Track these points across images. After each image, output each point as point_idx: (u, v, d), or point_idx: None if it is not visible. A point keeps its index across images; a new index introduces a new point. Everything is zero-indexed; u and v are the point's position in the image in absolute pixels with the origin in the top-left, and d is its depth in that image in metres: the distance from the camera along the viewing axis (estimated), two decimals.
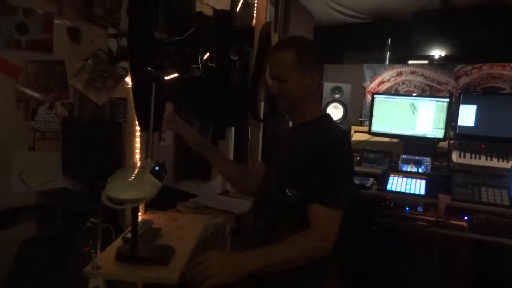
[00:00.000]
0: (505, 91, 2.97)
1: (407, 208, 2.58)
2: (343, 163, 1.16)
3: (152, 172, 1.13)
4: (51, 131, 1.98)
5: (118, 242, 1.32)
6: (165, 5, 1.52)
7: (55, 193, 1.82)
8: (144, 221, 1.52)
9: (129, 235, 1.30)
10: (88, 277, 1.09)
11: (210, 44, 2.15)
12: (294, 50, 1.16)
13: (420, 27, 3.55)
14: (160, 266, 1.15)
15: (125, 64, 2.13)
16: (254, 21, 2.56)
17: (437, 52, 3.53)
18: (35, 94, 1.92)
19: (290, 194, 1.15)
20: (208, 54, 2.15)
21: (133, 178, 1.10)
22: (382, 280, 1.99)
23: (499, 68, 3.01)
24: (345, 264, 2.17)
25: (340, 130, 1.24)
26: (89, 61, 2.06)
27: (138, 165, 1.33)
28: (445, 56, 3.52)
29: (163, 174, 1.18)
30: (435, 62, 3.46)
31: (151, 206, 1.80)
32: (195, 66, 1.94)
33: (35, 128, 1.95)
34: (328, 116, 1.30)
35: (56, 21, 1.93)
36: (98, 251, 1.24)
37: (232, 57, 2.25)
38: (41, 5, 1.88)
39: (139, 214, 1.62)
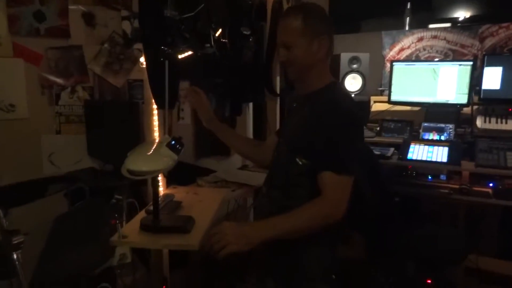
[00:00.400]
0: None
1: (430, 177, 2.54)
2: (351, 130, 1.15)
3: (169, 145, 1.18)
4: (75, 114, 2.09)
5: (141, 214, 1.39)
6: None
7: (83, 173, 1.92)
8: (166, 195, 1.59)
9: (152, 208, 1.37)
10: (115, 246, 1.16)
11: (222, 20, 2.14)
12: (301, 17, 1.15)
13: None
14: (182, 235, 1.21)
15: (140, 46, 2.18)
16: None
17: (461, 14, 3.36)
18: (57, 80, 2.02)
19: (300, 163, 1.16)
20: (220, 30, 2.15)
21: (151, 152, 1.15)
22: (406, 247, 1.99)
23: None
24: (369, 233, 2.18)
25: (349, 97, 1.23)
26: (105, 45, 2.13)
27: (156, 141, 1.38)
28: (469, 17, 3.34)
29: (179, 147, 1.22)
30: (459, 25, 3.30)
31: (172, 181, 1.88)
32: (207, 43, 1.95)
33: (60, 112, 2.05)
34: (337, 83, 1.29)
35: (70, 7, 1.99)
36: (124, 222, 1.31)
37: (244, 32, 2.24)
38: None
39: (162, 189, 1.70)
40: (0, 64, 1.84)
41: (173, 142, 1.21)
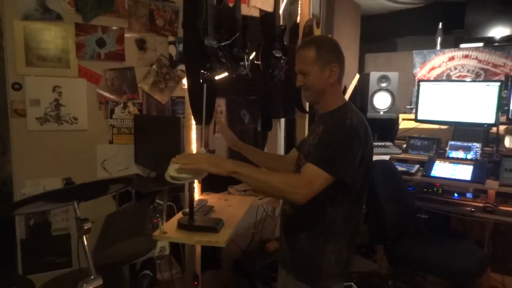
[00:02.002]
0: None
1: (456, 195, 2.58)
2: (349, 140, 1.25)
3: None
4: (125, 127, 2.39)
5: (178, 216, 1.62)
6: (213, 16, 1.77)
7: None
8: (200, 200, 1.81)
9: (188, 210, 1.60)
10: (156, 240, 1.39)
11: (256, 44, 2.37)
12: (314, 48, 1.33)
13: (473, 8, 3.41)
14: (212, 233, 1.42)
15: (183, 67, 2.46)
16: (298, 17, 2.72)
17: (494, 33, 3.37)
18: (112, 96, 2.33)
19: None
20: (254, 53, 2.38)
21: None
22: (424, 261, 2.07)
23: None
24: (392, 247, 2.26)
25: (358, 116, 1.34)
26: (154, 66, 2.43)
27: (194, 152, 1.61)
28: (502, 37, 3.35)
29: None
30: (495, 44, 3.31)
31: (206, 189, 2.10)
32: (242, 64, 2.17)
33: (113, 124, 2.36)
34: (349, 104, 1.43)
35: (126, 35, 2.31)
36: (164, 222, 1.53)
37: (276, 55, 2.45)
38: (115, 22, 2.26)
39: (197, 195, 1.93)
40: (68, 83, 2.18)
41: (207, 154, 1.43)
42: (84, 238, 1.03)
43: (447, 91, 2.75)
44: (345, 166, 1.23)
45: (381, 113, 3.11)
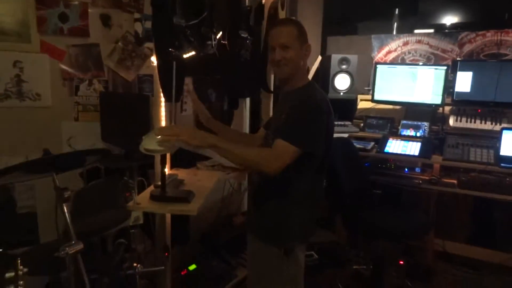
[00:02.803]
0: (508, 57, 3.09)
1: (406, 170, 2.83)
2: (312, 115, 1.38)
3: None
4: (91, 104, 2.38)
5: (151, 188, 1.69)
6: None
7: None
8: (171, 175, 1.88)
9: (159, 183, 1.67)
10: (131, 210, 1.46)
11: (223, 24, 2.41)
12: (296, 26, 1.45)
13: None
14: (183, 204, 1.51)
15: (149, 45, 2.46)
16: None
17: (444, 21, 3.62)
18: (77, 73, 2.30)
19: None
20: (221, 33, 2.43)
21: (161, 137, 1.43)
22: (377, 227, 2.28)
23: (503, 34, 3.11)
24: (348, 217, 2.47)
25: (321, 94, 1.47)
26: (119, 43, 2.41)
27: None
28: (451, 24, 3.61)
29: None
30: (443, 31, 3.56)
31: (176, 165, 2.17)
32: (209, 43, 2.22)
33: (78, 102, 2.34)
34: (314, 83, 1.55)
35: (90, 10, 2.27)
36: (135, 195, 1.60)
37: (242, 35, 2.51)
38: None
39: (167, 170, 1.99)
40: (30, 58, 2.12)
41: None
42: (64, 206, 1.08)
43: (401, 73, 2.96)
44: (311, 140, 1.36)
45: (341, 94, 3.28)
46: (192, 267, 2.38)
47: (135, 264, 1.48)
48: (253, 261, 1.61)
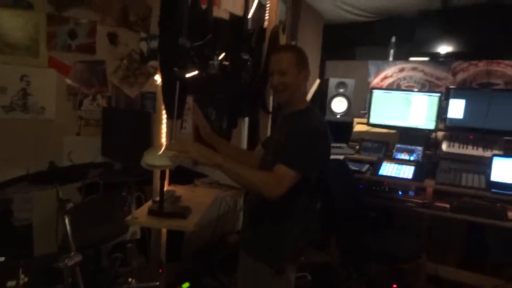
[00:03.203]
0: (499, 87, 3.19)
1: (400, 193, 2.88)
2: (312, 140, 1.43)
3: None
4: (94, 118, 2.43)
5: (149, 203, 1.72)
6: (187, 17, 1.89)
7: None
8: (169, 191, 1.91)
9: (157, 199, 1.70)
10: (128, 225, 1.49)
11: (225, 46, 2.50)
12: (295, 53, 1.52)
13: (423, 26, 3.77)
14: (180, 219, 1.54)
15: (154, 63, 2.54)
16: (266, 22, 2.88)
17: (439, 49, 3.75)
18: (81, 88, 2.36)
19: None
20: (223, 54, 2.51)
21: (162, 153, 1.48)
22: (370, 249, 2.31)
23: (494, 64, 3.23)
24: (342, 235, 2.50)
25: (320, 119, 1.54)
26: (124, 61, 2.49)
27: (164, 144, 1.71)
28: (446, 53, 3.73)
29: None
30: (438, 59, 3.69)
31: (174, 182, 2.20)
32: (211, 63, 2.30)
33: (81, 116, 2.40)
34: (312, 107, 1.62)
35: (98, 28, 2.35)
36: (134, 210, 1.63)
37: (244, 57, 2.60)
38: (87, 15, 2.30)
39: (166, 186, 2.03)
40: (37, 73, 2.19)
41: None
42: (66, 218, 1.11)
43: (396, 99, 3.05)
44: (310, 164, 1.41)
45: (338, 116, 3.36)
46: (186, 285, 2.38)
47: (129, 279, 1.49)
48: (244, 278, 1.63)
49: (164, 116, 2.02)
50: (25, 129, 2.19)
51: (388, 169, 2.77)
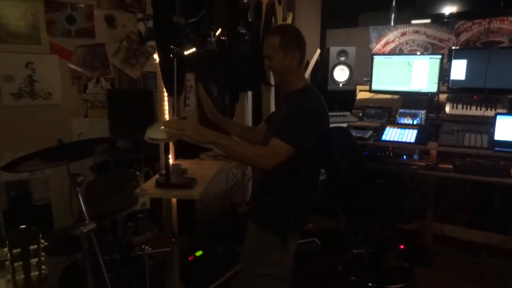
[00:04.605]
0: (503, 45, 3.13)
1: (405, 157, 2.91)
2: (308, 118, 1.48)
3: None
4: (99, 101, 2.51)
5: (156, 176, 1.81)
6: None
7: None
8: (175, 164, 2.00)
9: (164, 172, 1.79)
10: (138, 196, 1.59)
11: (222, 21, 2.52)
12: (278, 36, 1.53)
13: None
14: (186, 190, 1.63)
15: (152, 43, 2.58)
16: None
17: (442, 10, 3.66)
18: (85, 72, 2.43)
19: None
20: (220, 29, 2.53)
21: (162, 128, 1.54)
22: (379, 213, 2.38)
23: (498, 22, 3.15)
24: (347, 199, 2.57)
25: (318, 97, 1.57)
26: (124, 43, 2.53)
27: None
28: (449, 14, 3.65)
29: None
30: (440, 20, 3.62)
31: (180, 156, 2.29)
32: (208, 40, 2.33)
33: (87, 99, 2.47)
34: (310, 86, 1.65)
35: (95, 12, 2.39)
36: (143, 182, 1.72)
37: (241, 31, 2.61)
38: (83, 0, 2.34)
39: (171, 160, 2.11)
40: (41, 60, 2.26)
41: None
42: (78, 190, 1.20)
43: (397, 64, 3.03)
44: (304, 140, 1.47)
45: (340, 85, 3.36)
46: (199, 253, 2.51)
47: (143, 246, 1.60)
48: (248, 244, 1.73)
49: (166, 94, 2.08)
50: (34, 115, 2.28)
51: (391, 134, 2.80)
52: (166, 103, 2.10)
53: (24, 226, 0.97)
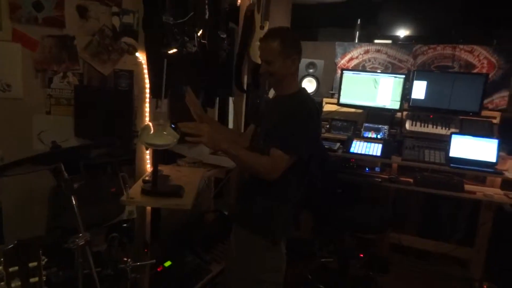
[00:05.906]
0: (454, 70, 3.45)
1: (367, 169, 3.07)
2: (305, 123, 1.50)
3: (172, 128, 1.49)
4: (64, 97, 2.30)
5: (139, 183, 1.70)
6: None
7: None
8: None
9: (147, 178, 1.69)
10: (124, 205, 1.47)
11: (203, 23, 2.45)
12: (279, 40, 1.51)
13: (386, 9, 3.94)
14: (176, 198, 1.54)
15: (127, 40, 2.43)
16: (239, 0, 2.85)
17: (401, 32, 3.95)
18: (51, 65, 2.21)
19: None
20: (201, 31, 2.46)
21: (159, 132, 1.45)
22: (340, 221, 2.47)
23: (450, 49, 3.47)
24: (316, 210, 2.63)
25: (312, 102, 1.60)
26: (96, 36, 2.35)
27: (151, 124, 1.67)
28: (407, 36, 3.95)
29: (178, 130, 1.54)
30: (398, 42, 3.89)
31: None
32: (191, 42, 2.25)
33: (51, 94, 2.26)
34: (304, 90, 1.67)
35: (66, 0, 2.19)
36: (129, 188, 1.59)
37: (221, 35, 2.57)
38: None
39: (149, 166, 2.00)
40: (1, 47, 2.01)
41: (173, 125, 1.53)
42: (73, 198, 1.08)
43: (364, 80, 3.20)
44: (303, 147, 1.49)
45: None
46: (168, 263, 2.39)
47: (125, 259, 1.48)
48: (238, 249, 1.69)
49: (146, 96, 1.97)
50: None
51: (358, 147, 2.93)
52: (147, 105, 1.99)
53: (21, 239, 0.85)
